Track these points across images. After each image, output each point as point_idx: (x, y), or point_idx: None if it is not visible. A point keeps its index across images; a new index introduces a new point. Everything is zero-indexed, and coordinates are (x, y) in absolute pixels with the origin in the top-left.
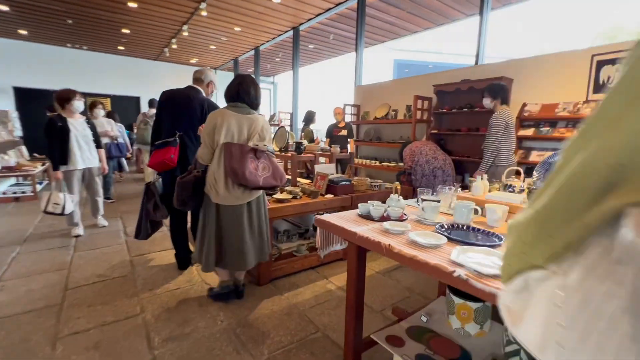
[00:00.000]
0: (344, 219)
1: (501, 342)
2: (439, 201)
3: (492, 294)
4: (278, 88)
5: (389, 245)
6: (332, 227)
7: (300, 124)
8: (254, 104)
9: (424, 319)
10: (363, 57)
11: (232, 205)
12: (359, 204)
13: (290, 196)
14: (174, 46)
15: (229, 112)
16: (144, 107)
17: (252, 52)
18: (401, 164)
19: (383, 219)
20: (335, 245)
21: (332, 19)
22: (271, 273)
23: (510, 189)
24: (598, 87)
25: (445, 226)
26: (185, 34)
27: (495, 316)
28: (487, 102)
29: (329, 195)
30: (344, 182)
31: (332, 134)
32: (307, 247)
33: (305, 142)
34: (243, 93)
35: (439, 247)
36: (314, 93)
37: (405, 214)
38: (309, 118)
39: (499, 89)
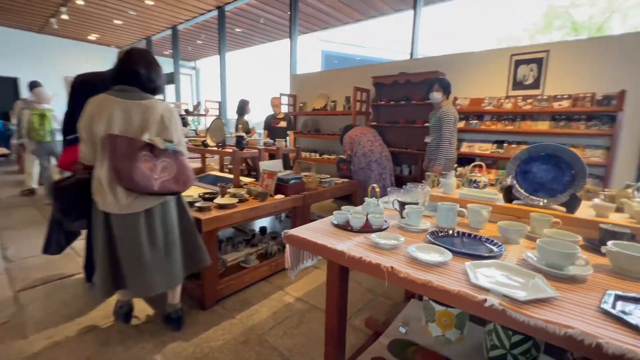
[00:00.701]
0: (319, 232)
1: (482, 346)
2: (417, 203)
3: (539, 329)
4: (201, 74)
5: (392, 268)
6: (310, 245)
7: (230, 115)
8: (147, 87)
9: (402, 330)
10: (297, 45)
11: (124, 215)
12: (334, 212)
13: (235, 200)
14: (65, 17)
15: (113, 98)
16: (25, 92)
17: (169, 32)
18: (342, 155)
19: (363, 228)
20: (306, 262)
21: (262, 1)
22: (217, 292)
23: (475, 185)
24: (516, 84)
25: (435, 234)
26: (80, 2)
27: (472, 317)
28: (438, 96)
29: (279, 196)
30: (294, 180)
31: (271, 126)
32: (257, 255)
33: (246, 135)
34: (130, 73)
35: (445, 264)
36: (245, 81)
37: (385, 221)
38: (243, 108)
39: (448, 85)
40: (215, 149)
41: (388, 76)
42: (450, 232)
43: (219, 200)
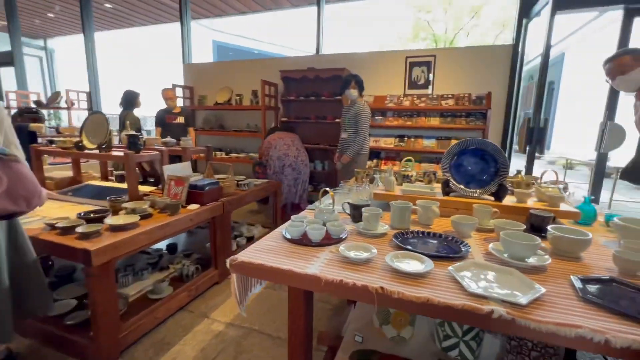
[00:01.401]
0: (274, 253)
1: (434, 338)
2: (369, 204)
3: (551, 333)
4: (57, 56)
5: (382, 288)
6: (270, 272)
7: (108, 108)
8: None
9: (358, 339)
10: (191, 30)
11: None
12: (286, 226)
13: (136, 217)
14: None
15: None
16: None
17: None
18: (253, 154)
19: (323, 240)
20: (255, 288)
21: None
22: (119, 342)
23: (407, 179)
24: (411, 84)
25: (401, 237)
26: None
27: None
28: (354, 93)
29: (193, 206)
30: (211, 186)
31: (166, 122)
32: (169, 280)
33: (141, 135)
34: None
35: (430, 273)
36: (124, 68)
37: (344, 229)
38: (131, 100)
39: (362, 82)
40: (96, 152)
41: (297, 71)
42: (414, 233)
43: (111, 220)
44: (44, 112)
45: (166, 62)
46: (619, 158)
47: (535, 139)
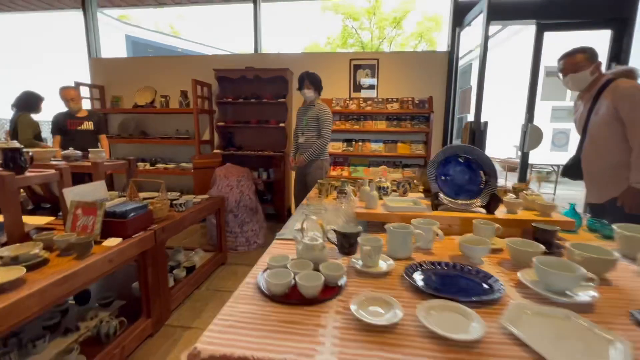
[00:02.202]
0: (255, 326)
1: None
2: (360, 231)
3: None
4: None
5: None
6: None
7: None
8: None
9: None
10: (96, 17)
11: None
12: (264, 276)
13: (20, 271)
14: None
15: None
16: None
17: None
18: (189, 164)
19: (320, 295)
20: None
21: None
22: None
23: (383, 191)
24: (356, 87)
25: (425, 277)
26: None
27: None
28: (309, 93)
29: (113, 240)
30: (136, 211)
31: (67, 129)
32: (79, 347)
33: (23, 147)
34: None
35: (485, 334)
36: (6, 62)
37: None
38: (30, 103)
39: (319, 81)
40: None
41: (234, 70)
42: (423, 266)
43: None
44: None
45: (61, 57)
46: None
47: (477, 141)
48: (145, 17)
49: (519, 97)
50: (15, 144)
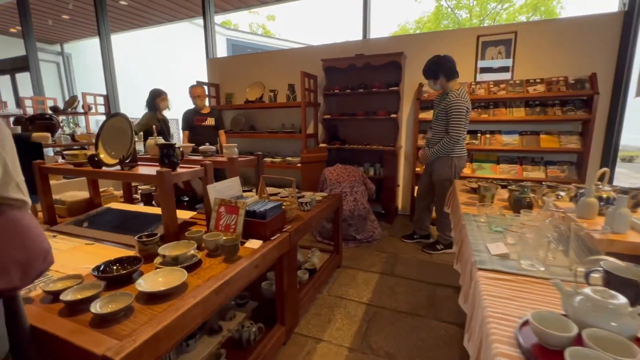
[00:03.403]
0: None
1: None
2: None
3: None
4: (74, 62)
5: None
6: None
7: (131, 112)
8: None
9: None
10: (214, 21)
11: None
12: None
13: (182, 275)
14: None
15: None
16: None
17: None
18: (295, 158)
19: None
20: None
21: None
22: None
23: (606, 203)
24: (484, 69)
25: None
26: None
27: None
28: (430, 84)
29: (254, 242)
30: (273, 211)
31: (194, 125)
32: (224, 351)
33: (176, 143)
34: None
35: None
36: (147, 70)
37: None
38: (151, 100)
39: (435, 65)
40: (116, 170)
41: (342, 59)
42: None
43: (146, 281)
44: (63, 118)
45: (183, 62)
46: None
47: None
48: (241, 20)
49: None
50: (161, 140)
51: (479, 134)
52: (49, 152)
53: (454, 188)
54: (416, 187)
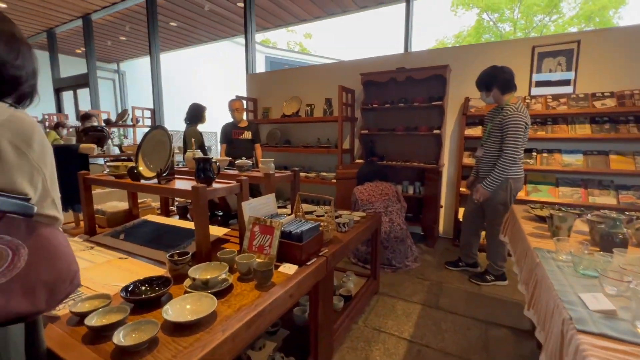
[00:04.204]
0: None
1: None
2: None
3: None
4: (128, 79)
5: None
6: None
7: (172, 125)
8: None
9: None
10: (254, 38)
11: None
12: None
13: (212, 303)
14: None
15: None
16: None
17: (80, 23)
18: (329, 174)
19: None
20: None
21: None
22: None
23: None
24: (540, 82)
25: None
26: None
27: None
28: (482, 97)
29: (289, 267)
30: (310, 233)
31: (232, 138)
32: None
33: (213, 158)
34: None
35: None
36: (187, 86)
37: None
38: (198, 114)
39: (489, 77)
40: (154, 183)
41: (383, 72)
42: None
43: (172, 308)
44: (114, 130)
45: (222, 79)
46: None
47: None
48: (279, 39)
49: None
50: (199, 154)
51: (534, 153)
52: (99, 161)
53: (512, 214)
54: (461, 209)
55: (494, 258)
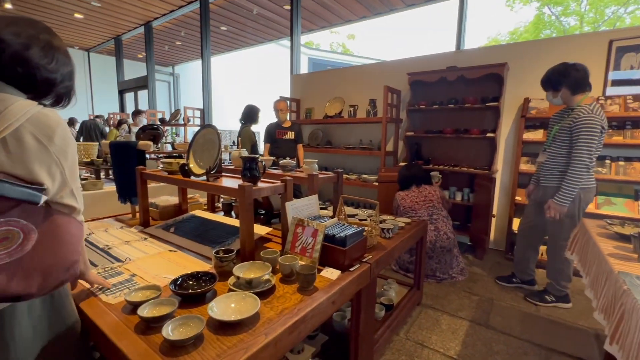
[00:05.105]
0: None
1: None
2: None
3: None
4: (181, 81)
5: None
6: None
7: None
8: (22, 81)
9: None
10: (300, 40)
11: None
12: None
13: (255, 304)
14: (8, 5)
15: None
16: None
17: (142, 30)
18: (371, 176)
19: None
20: None
21: None
22: None
23: None
24: (617, 81)
25: None
26: None
27: None
28: (548, 96)
29: (331, 272)
30: (354, 237)
31: (275, 138)
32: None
33: (259, 157)
34: None
35: None
36: (231, 86)
37: None
38: (252, 115)
39: (558, 75)
40: (202, 180)
41: (432, 72)
42: None
43: (218, 306)
44: (167, 128)
45: (266, 80)
46: None
47: None
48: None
49: None
50: (245, 153)
51: (607, 160)
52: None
53: (583, 229)
54: (516, 220)
55: (557, 277)
